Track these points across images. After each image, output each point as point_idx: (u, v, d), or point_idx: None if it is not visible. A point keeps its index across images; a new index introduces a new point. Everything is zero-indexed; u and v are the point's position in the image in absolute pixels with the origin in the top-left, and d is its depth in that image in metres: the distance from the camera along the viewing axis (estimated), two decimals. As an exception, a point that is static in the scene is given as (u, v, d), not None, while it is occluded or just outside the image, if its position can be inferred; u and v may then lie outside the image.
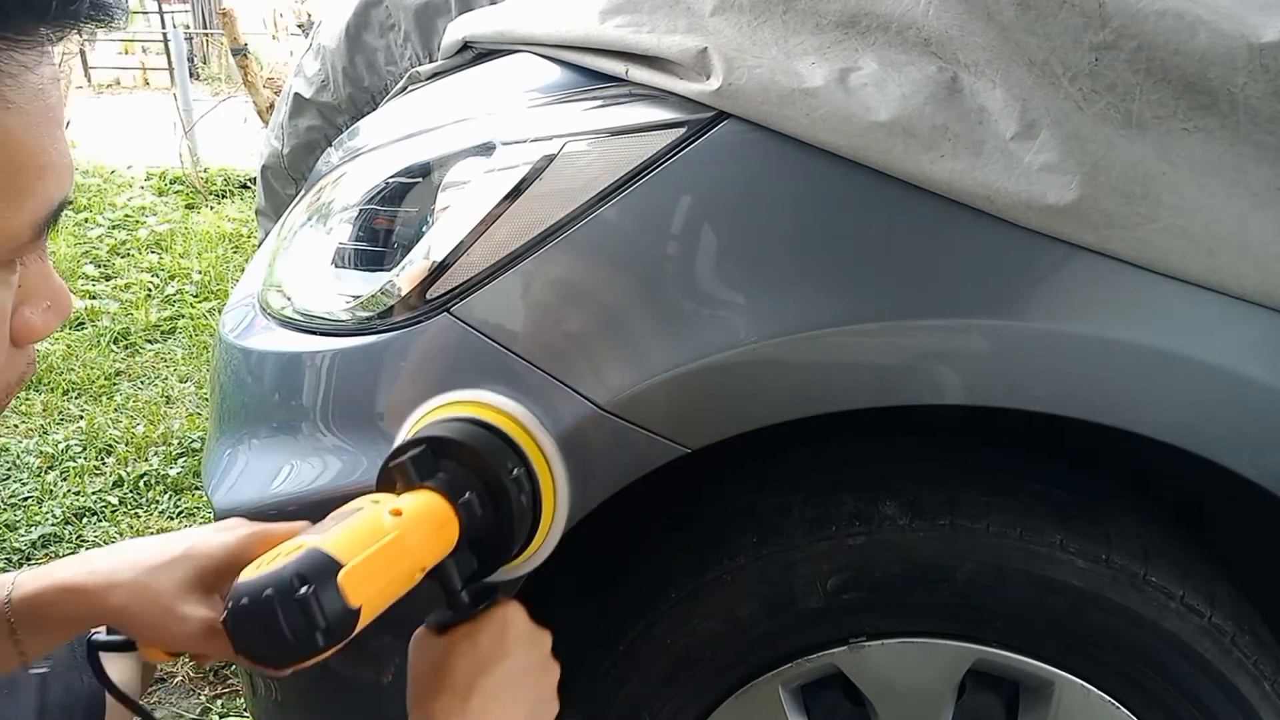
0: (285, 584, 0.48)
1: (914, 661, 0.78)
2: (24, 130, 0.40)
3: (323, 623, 0.48)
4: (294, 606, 0.48)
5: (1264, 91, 0.62)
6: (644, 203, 0.73)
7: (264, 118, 4.32)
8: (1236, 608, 0.77)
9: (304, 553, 0.50)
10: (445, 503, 0.60)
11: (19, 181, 0.41)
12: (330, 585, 0.49)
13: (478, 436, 0.65)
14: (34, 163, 0.41)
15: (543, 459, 0.67)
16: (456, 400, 0.69)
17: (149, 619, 0.61)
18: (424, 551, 0.57)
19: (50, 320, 0.49)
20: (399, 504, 0.57)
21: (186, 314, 3.28)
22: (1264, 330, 0.66)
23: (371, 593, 0.51)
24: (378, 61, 1.95)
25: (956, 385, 0.69)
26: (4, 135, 0.39)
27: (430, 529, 0.58)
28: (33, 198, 0.42)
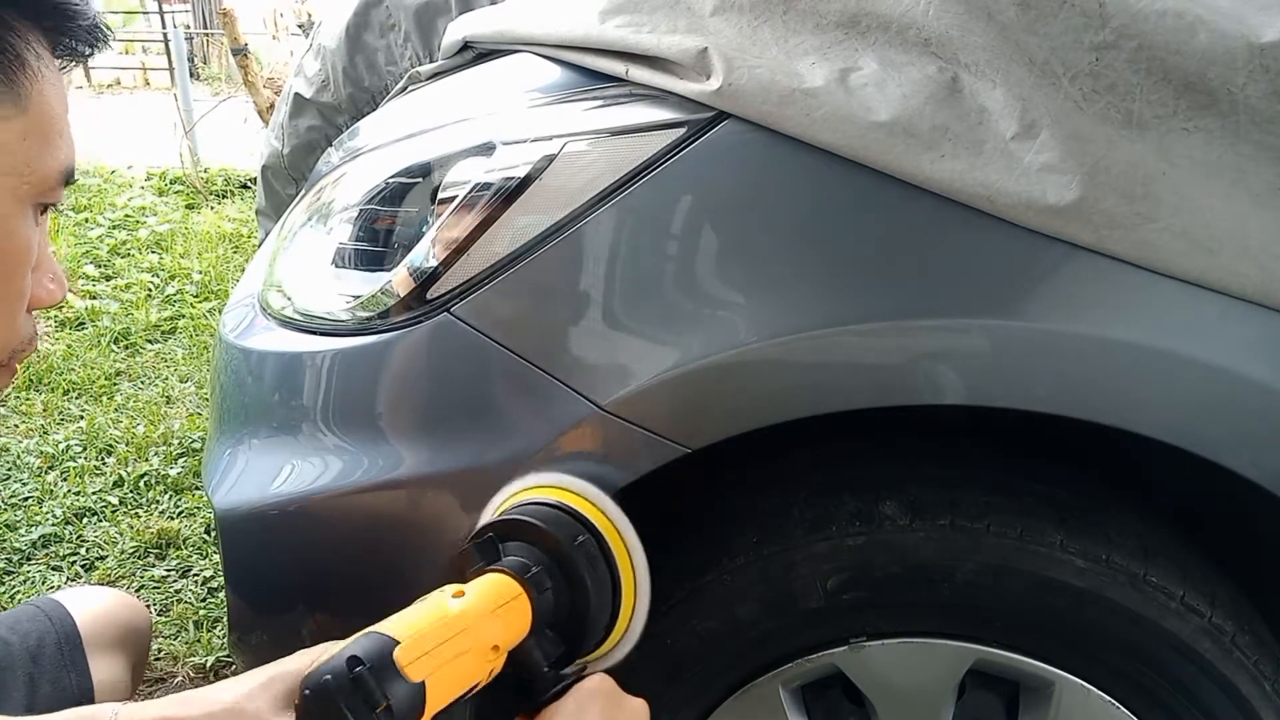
0: (341, 667, 0.49)
1: (914, 661, 0.78)
2: (53, 96, 0.52)
3: (382, 699, 0.48)
4: (349, 686, 0.48)
5: (1264, 91, 0.62)
6: (644, 203, 0.73)
7: (264, 118, 4.32)
8: (1236, 608, 0.77)
9: (358, 637, 0.51)
10: (511, 580, 0.60)
11: (52, 133, 0.52)
12: (387, 663, 0.49)
13: (540, 513, 0.65)
14: (60, 124, 0.53)
15: (614, 530, 0.66)
16: (529, 486, 0.70)
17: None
18: (495, 630, 0.57)
19: (55, 292, 0.57)
20: (462, 587, 0.58)
21: (187, 314, 3.27)
22: (1264, 330, 0.66)
23: (434, 667, 0.51)
24: (378, 61, 1.95)
25: (956, 385, 0.69)
26: (43, 95, 0.51)
27: (498, 605, 0.58)
28: (60, 150, 0.53)
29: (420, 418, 0.79)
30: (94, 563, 1.94)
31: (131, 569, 1.92)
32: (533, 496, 0.68)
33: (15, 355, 0.56)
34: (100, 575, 1.89)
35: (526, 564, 0.62)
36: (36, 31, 0.51)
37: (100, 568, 1.92)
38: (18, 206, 0.51)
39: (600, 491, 0.68)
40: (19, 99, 0.49)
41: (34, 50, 0.50)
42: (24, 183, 0.51)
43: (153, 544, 1.99)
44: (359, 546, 0.81)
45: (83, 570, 1.92)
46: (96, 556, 1.95)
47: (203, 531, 2.04)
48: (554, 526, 0.64)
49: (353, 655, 0.49)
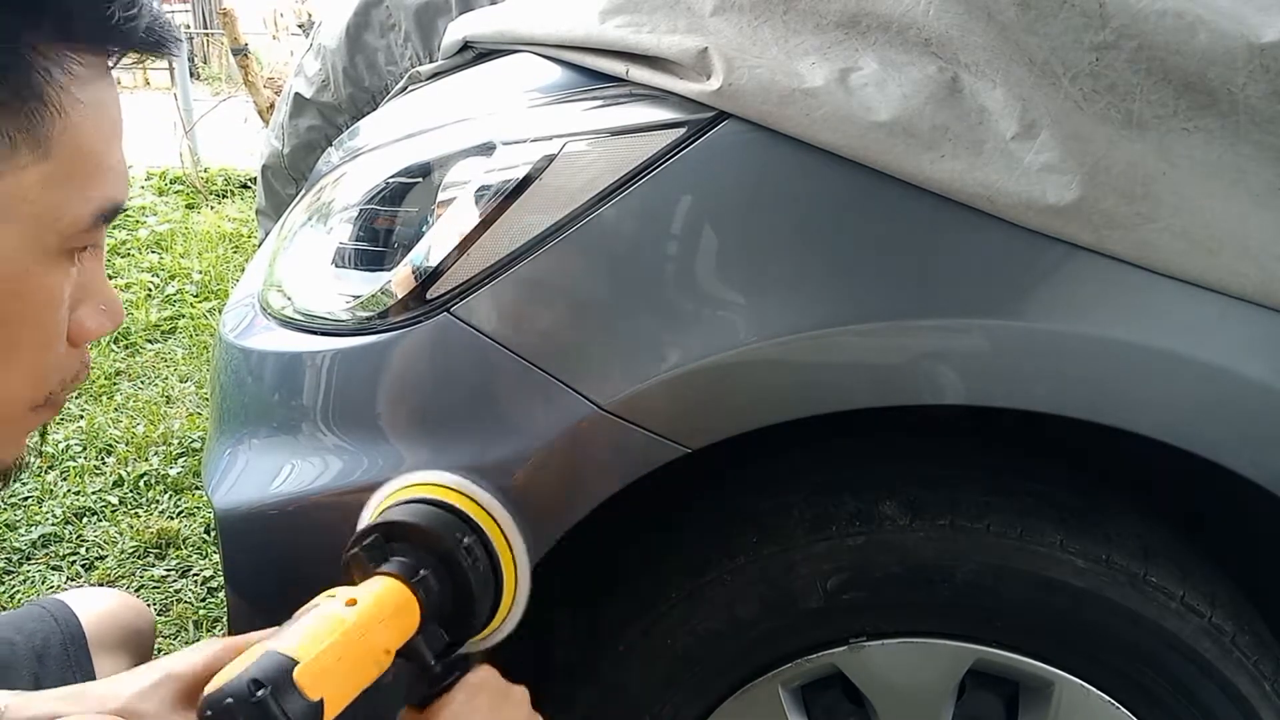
0: (243, 689, 0.50)
1: (914, 661, 0.78)
2: (92, 127, 0.45)
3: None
4: (253, 710, 0.49)
5: (1264, 91, 0.62)
6: (644, 203, 0.73)
7: (264, 118, 4.32)
8: (1236, 608, 0.77)
9: (260, 656, 0.52)
10: (401, 584, 0.61)
11: (87, 175, 0.46)
12: (287, 683, 0.50)
13: (424, 514, 0.66)
14: (98, 161, 0.46)
15: (494, 525, 0.67)
16: (408, 484, 0.71)
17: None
18: (387, 635, 0.58)
19: (104, 323, 0.53)
20: (353, 593, 0.59)
21: (187, 314, 3.27)
22: (1264, 330, 0.66)
23: (333, 684, 0.53)
24: (378, 61, 1.95)
25: (956, 385, 0.69)
26: (74, 129, 0.44)
27: (389, 612, 0.59)
28: (96, 191, 0.47)
29: (420, 418, 0.79)
30: (94, 562, 1.94)
31: (131, 569, 1.92)
32: (413, 495, 0.69)
33: (63, 388, 0.53)
34: (100, 575, 1.89)
35: (414, 566, 0.63)
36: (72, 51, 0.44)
37: (100, 567, 1.92)
38: (42, 255, 0.46)
39: (476, 485, 0.68)
40: (38, 143, 0.43)
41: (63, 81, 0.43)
42: (49, 232, 0.45)
43: (153, 544, 1.99)
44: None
45: (83, 570, 1.92)
46: (96, 556, 1.95)
47: (203, 531, 2.04)
48: (436, 526, 0.65)
49: (254, 679, 0.50)
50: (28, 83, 0.42)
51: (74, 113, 0.44)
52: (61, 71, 0.43)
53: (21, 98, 0.42)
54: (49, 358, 0.50)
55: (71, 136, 0.45)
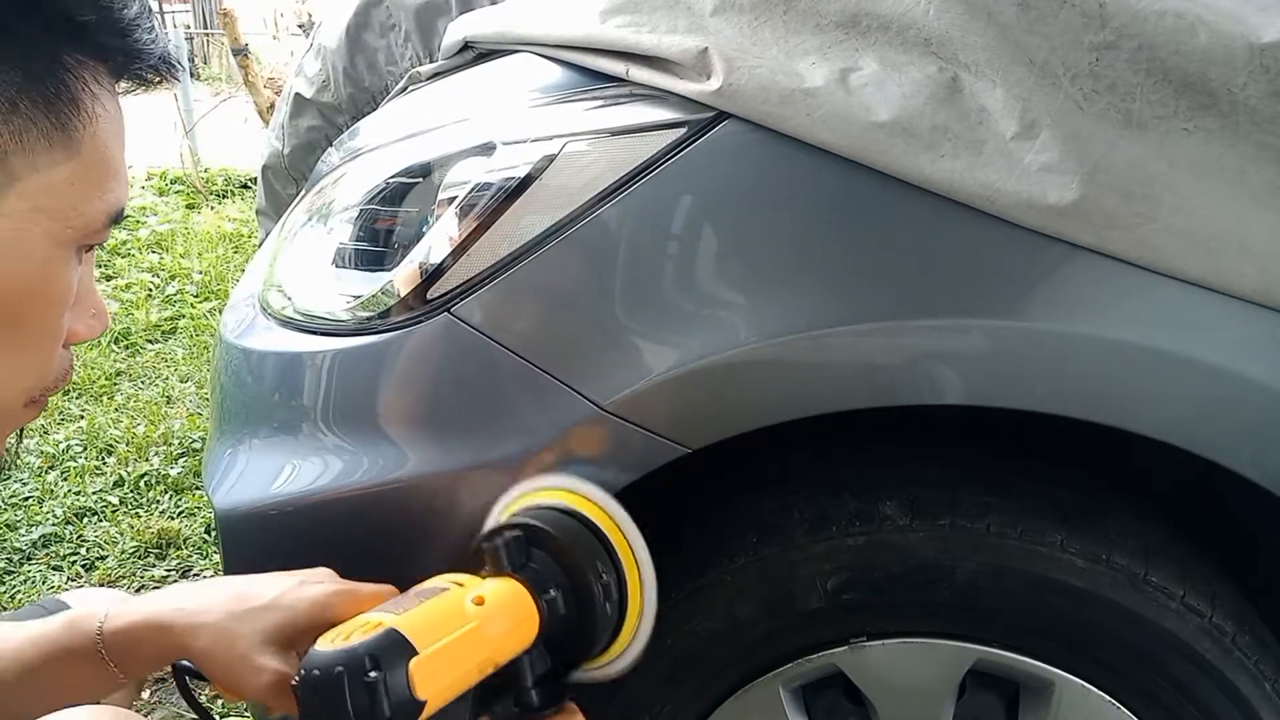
0: (357, 663, 0.48)
1: (914, 661, 0.78)
2: (109, 136, 0.50)
3: (387, 711, 0.48)
4: (361, 689, 0.48)
5: (1264, 91, 0.62)
6: (644, 203, 0.73)
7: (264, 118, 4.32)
8: (1237, 608, 0.77)
9: (381, 632, 0.50)
10: (529, 597, 0.59)
11: (104, 176, 0.50)
12: (400, 672, 0.49)
13: (574, 532, 0.64)
14: (114, 165, 0.51)
15: (634, 564, 0.65)
16: (554, 487, 0.68)
17: (225, 664, 0.62)
18: (501, 646, 0.56)
19: (94, 327, 0.56)
20: (483, 591, 0.57)
21: (187, 314, 3.28)
22: (1264, 330, 0.66)
23: (440, 685, 0.51)
24: (378, 61, 1.95)
25: (956, 385, 0.69)
26: (97, 138, 0.49)
27: (511, 623, 0.57)
28: (110, 193, 0.51)
29: (421, 418, 0.79)
30: (94, 562, 1.94)
31: (132, 569, 1.92)
32: (557, 501, 0.67)
33: (47, 390, 0.55)
34: (100, 575, 1.90)
35: (547, 584, 0.60)
36: (101, 66, 0.49)
37: (100, 567, 1.92)
38: (60, 250, 0.50)
39: (627, 516, 0.66)
40: (70, 143, 0.48)
41: (94, 89, 0.48)
42: (68, 227, 0.49)
43: (153, 544, 1.99)
44: (359, 546, 0.81)
45: (83, 570, 1.92)
46: (97, 556, 1.95)
47: (203, 531, 2.04)
48: (581, 551, 0.63)
49: (372, 655, 0.49)
50: (68, 90, 0.47)
51: (99, 119, 0.49)
52: (93, 82, 0.48)
53: (62, 102, 0.47)
54: (52, 355, 0.53)
55: (96, 140, 0.49)
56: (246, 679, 0.61)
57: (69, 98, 0.47)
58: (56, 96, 0.46)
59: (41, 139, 0.46)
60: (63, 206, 0.49)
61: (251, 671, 0.61)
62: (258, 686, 0.61)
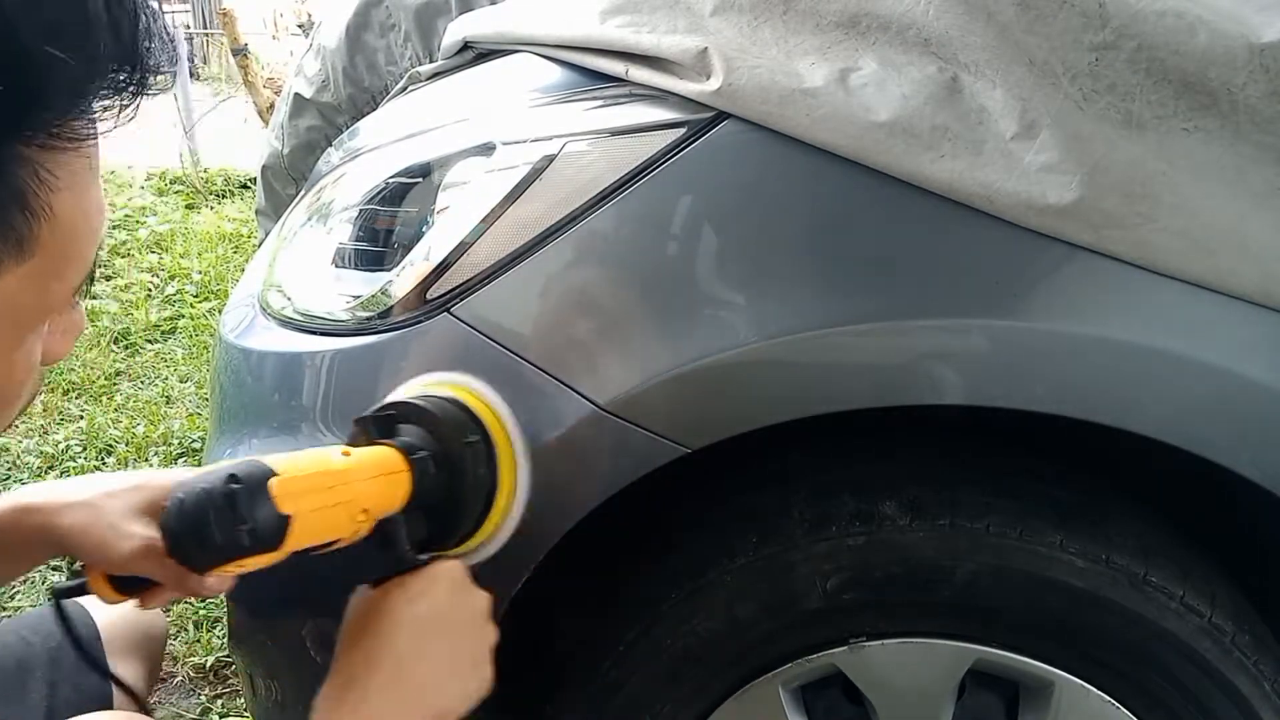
0: (218, 480, 0.50)
1: (914, 661, 0.78)
2: (73, 205, 0.40)
3: (249, 522, 0.50)
4: (222, 500, 0.50)
5: (1264, 91, 0.62)
6: (644, 203, 0.73)
7: (264, 118, 4.32)
8: (1236, 608, 0.77)
9: (242, 460, 0.53)
10: (398, 455, 0.62)
11: (68, 253, 0.41)
12: (260, 488, 0.51)
13: (440, 405, 0.68)
14: (80, 234, 0.42)
15: (505, 436, 0.68)
16: (436, 381, 0.72)
17: (95, 536, 0.63)
18: (369, 495, 0.59)
19: (67, 344, 0.50)
20: (350, 449, 0.60)
21: (186, 314, 3.27)
22: (1264, 330, 0.66)
23: (304, 508, 0.53)
24: (378, 61, 1.95)
25: (956, 385, 0.69)
26: (55, 218, 0.39)
27: (378, 474, 0.60)
28: (78, 264, 0.43)
29: (420, 418, 0.79)
30: (94, 563, 1.94)
31: (131, 569, 1.92)
32: (438, 390, 0.70)
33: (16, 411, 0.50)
34: (100, 575, 1.89)
35: (416, 446, 0.64)
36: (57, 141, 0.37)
37: (100, 568, 1.91)
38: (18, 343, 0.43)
39: (503, 402, 0.70)
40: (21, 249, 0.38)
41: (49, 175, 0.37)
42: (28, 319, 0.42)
43: (153, 544, 1.98)
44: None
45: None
46: (96, 556, 1.95)
47: (203, 531, 2.03)
48: (451, 421, 0.66)
49: (231, 473, 0.51)
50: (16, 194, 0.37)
51: (58, 205, 0.39)
52: (45, 169, 0.37)
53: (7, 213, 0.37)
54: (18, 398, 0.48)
55: (55, 231, 0.39)
56: (115, 546, 0.62)
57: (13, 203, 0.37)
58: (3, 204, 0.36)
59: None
60: (16, 308, 0.41)
61: (120, 538, 0.62)
62: (127, 552, 0.62)
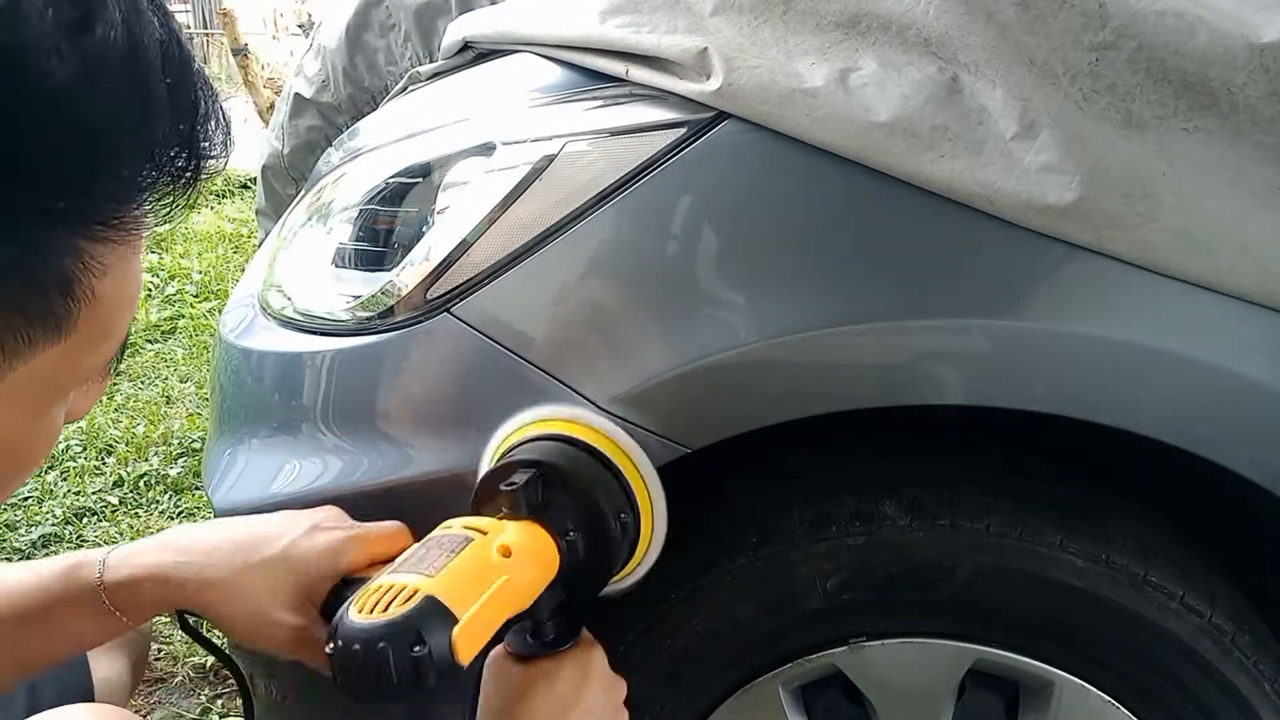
0: (401, 637, 0.48)
1: (914, 661, 0.78)
2: (115, 288, 0.39)
3: (432, 680, 0.49)
4: (408, 664, 0.48)
5: (1264, 91, 0.62)
6: (644, 203, 0.73)
7: (264, 118, 4.32)
8: (1236, 608, 0.77)
9: (421, 602, 0.50)
10: (550, 540, 0.59)
11: (105, 331, 0.41)
12: (444, 642, 0.49)
13: (591, 471, 0.64)
14: (118, 313, 0.41)
15: (646, 494, 0.66)
16: (557, 418, 0.67)
17: (242, 621, 0.61)
18: (525, 590, 0.57)
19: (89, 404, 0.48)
20: (507, 540, 0.56)
21: (186, 314, 3.27)
22: (1264, 330, 0.66)
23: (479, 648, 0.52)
24: (378, 61, 1.95)
25: (956, 385, 0.69)
26: (96, 301, 0.38)
27: (537, 569, 0.58)
28: (113, 340, 0.42)
29: (420, 418, 0.79)
30: (94, 563, 1.94)
31: (131, 569, 1.92)
32: (565, 432, 0.65)
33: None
34: (100, 575, 1.89)
35: (566, 525, 0.60)
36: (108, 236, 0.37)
37: (100, 568, 1.91)
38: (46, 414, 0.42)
39: (635, 444, 0.66)
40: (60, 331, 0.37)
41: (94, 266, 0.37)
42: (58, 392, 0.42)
43: (153, 544, 1.98)
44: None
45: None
46: (96, 556, 1.95)
47: (203, 531, 2.04)
48: (601, 493, 0.62)
49: (417, 628, 0.48)
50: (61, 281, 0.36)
51: (100, 289, 0.38)
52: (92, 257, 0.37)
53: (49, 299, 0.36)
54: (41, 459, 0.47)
55: (95, 313, 0.39)
56: (264, 634, 0.61)
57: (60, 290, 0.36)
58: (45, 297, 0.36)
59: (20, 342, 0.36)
60: (48, 384, 0.40)
61: (269, 627, 0.60)
62: (277, 642, 0.61)
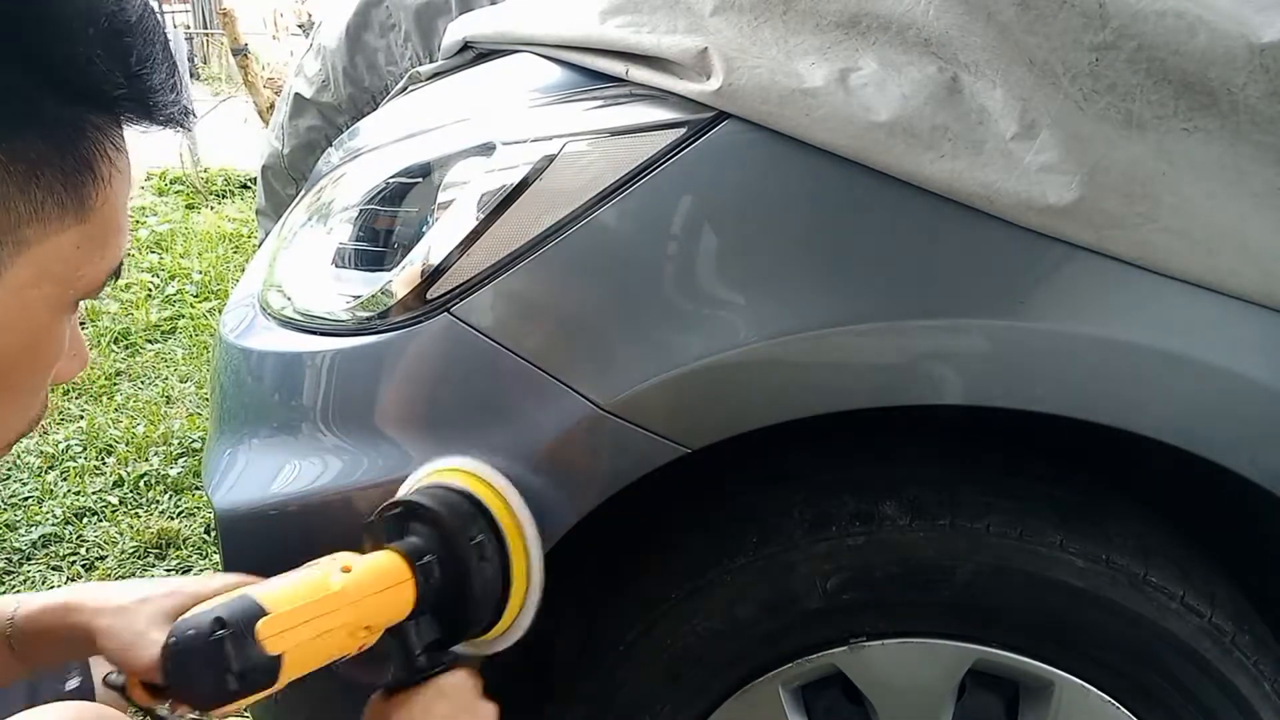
0: (206, 625, 0.51)
1: (914, 661, 0.78)
2: (121, 194, 0.48)
3: (235, 667, 0.51)
4: (208, 649, 0.51)
5: (1264, 91, 0.62)
6: (644, 203, 0.73)
7: (264, 118, 4.32)
8: (1236, 608, 0.77)
9: (234, 598, 0.53)
10: (404, 563, 0.61)
11: (109, 236, 0.48)
12: (248, 631, 0.52)
13: (447, 500, 0.67)
14: (119, 223, 0.49)
15: (514, 523, 0.68)
16: (445, 468, 0.71)
17: (123, 640, 0.65)
18: (373, 611, 0.59)
19: (74, 368, 0.55)
20: (350, 561, 0.60)
21: (187, 314, 3.27)
22: (1264, 330, 0.66)
23: (298, 645, 0.54)
24: (378, 61, 1.95)
25: (956, 385, 0.69)
26: (112, 199, 0.47)
27: (381, 586, 0.60)
28: (112, 251, 0.50)
29: (420, 418, 0.79)
30: (94, 563, 1.94)
31: (131, 569, 1.92)
32: (445, 480, 0.70)
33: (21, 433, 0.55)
34: (100, 575, 1.89)
35: (421, 550, 0.63)
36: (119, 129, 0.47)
37: (100, 568, 1.92)
38: (59, 312, 0.49)
39: (510, 485, 0.69)
40: (83, 209, 0.46)
41: (111, 153, 0.47)
42: (69, 289, 0.48)
43: (153, 544, 1.99)
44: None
45: (83, 570, 1.91)
46: (96, 556, 1.95)
47: (203, 531, 2.04)
48: (455, 517, 0.66)
49: (218, 617, 0.52)
50: (88, 158, 0.45)
51: (114, 181, 0.47)
52: (110, 146, 0.46)
53: (81, 169, 0.45)
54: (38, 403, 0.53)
55: (108, 203, 0.47)
56: (139, 653, 0.63)
57: (88, 165, 0.46)
58: (76, 165, 0.45)
59: (56, 207, 0.45)
60: (66, 271, 0.47)
61: (145, 645, 0.63)
62: (147, 660, 0.63)
